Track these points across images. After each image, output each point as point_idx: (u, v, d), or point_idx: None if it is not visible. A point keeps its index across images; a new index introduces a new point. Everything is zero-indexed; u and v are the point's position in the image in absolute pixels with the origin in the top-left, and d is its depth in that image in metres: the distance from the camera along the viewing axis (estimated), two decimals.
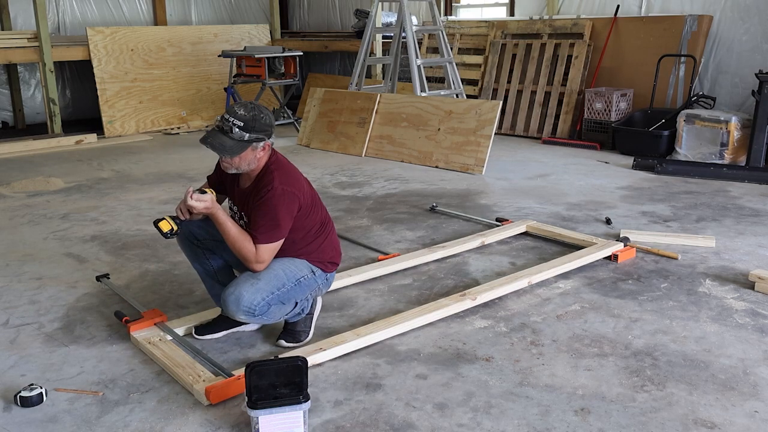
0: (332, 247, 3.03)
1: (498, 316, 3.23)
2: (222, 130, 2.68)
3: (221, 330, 3.02)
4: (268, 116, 2.75)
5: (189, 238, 2.98)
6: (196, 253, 3.02)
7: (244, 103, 2.73)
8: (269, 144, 2.77)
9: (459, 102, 6.81)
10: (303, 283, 2.89)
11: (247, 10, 11.79)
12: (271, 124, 2.75)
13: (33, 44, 8.14)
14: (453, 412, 2.45)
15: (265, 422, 2.26)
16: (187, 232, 2.96)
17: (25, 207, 5.33)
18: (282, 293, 2.81)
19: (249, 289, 2.72)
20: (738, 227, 4.55)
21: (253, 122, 2.67)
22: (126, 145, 8.01)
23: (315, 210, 2.93)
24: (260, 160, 2.78)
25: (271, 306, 2.78)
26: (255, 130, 2.68)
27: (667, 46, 7.21)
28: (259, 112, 2.71)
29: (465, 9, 10.03)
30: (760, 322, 3.14)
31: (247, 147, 2.68)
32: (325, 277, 3.01)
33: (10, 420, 2.45)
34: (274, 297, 2.78)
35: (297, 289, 2.86)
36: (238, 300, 2.70)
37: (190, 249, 3.02)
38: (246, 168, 2.77)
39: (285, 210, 2.72)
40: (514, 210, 5.02)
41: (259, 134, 2.69)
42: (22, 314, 3.35)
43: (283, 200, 2.71)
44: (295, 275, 2.85)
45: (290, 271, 2.84)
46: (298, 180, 2.85)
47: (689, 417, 2.40)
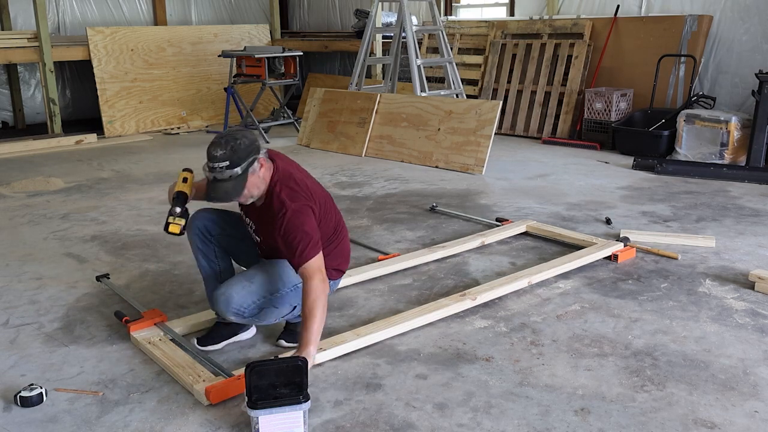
0: (341, 254, 3.02)
1: (498, 316, 3.23)
2: (216, 180, 2.62)
3: (223, 340, 2.98)
4: (244, 137, 2.64)
5: (203, 232, 2.93)
6: (207, 250, 2.96)
7: (217, 141, 2.62)
8: (264, 159, 2.69)
9: (459, 102, 6.81)
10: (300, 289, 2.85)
11: (247, 10, 11.79)
12: (252, 141, 2.65)
13: (33, 44, 8.14)
14: (453, 412, 2.45)
15: (265, 422, 2.26)
16: (201, 226, 2.92)
17: (25, 207, 5.33)
18: (275, 298, 2.80)
19: (240, 291, 2.72)
20: (738, 227, 4.55)
21: (235, 154, 2.57)
22: (126, 145, 8.01)
23: (329, 213, 2.91)
24: (265, 176, 2.72)
25: (263, 309, 2.78)
26: (242, 159, 2.58)
27: (667, 46, 7.21)
28: (234, 140, 2.60)
29: (465, 9, 10.03)
30: (760, 322, 3.14)
31: (246, 178, 2.61)
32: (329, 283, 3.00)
33: (10, 420, 2.45)
34: (266, 300, 2.78)
35: (293, 294, 2.85)
36: (228, 301, 2.71)
37: (203, 244, 2.95)
38: (259, 192, 2.72)
39: (308, 224, 2.67)
40: (514, 210, 5.02)
41: (248, 159, 2.60)
42: (22, 314, 3.35)
43: (301, 217, 2.67)
44: (292, 281, 2.83)
45: (287, 277, 2.82)
46: (306, 189, 2.78)
47: (689, 417, 2.40)
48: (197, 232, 2.94)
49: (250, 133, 2.71)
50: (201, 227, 2.94)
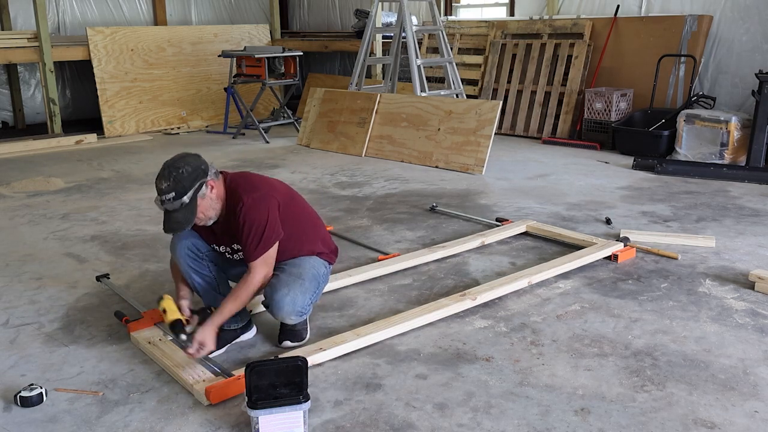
0: (328, 236, 3.11)
1: (498, 316, 3.23)
2: (168, 211, 2.63)
3: (224, 344, 2.97)
4: (186, 165, 2.61)
5: (192, 251, 2.88)
6: (200, 267, 2.91)
7: (161, 173, 2.62)
8: (212, 180, 2.68)
9: (459, 102, 6.81)
10: (322, 280, 2.98)
11: (247, 10, 11.79)
12: (195, 167, 2.63)
13: (33, 44, 8.14)
14: (453, 412, 2.45)
15: (265, 422, 2.26)
16: (190, 245, 2.87)
17: (25, 207, 5.33)
18: (318, 292, 2.93)
19: (300, 291, 2.78)
20: (738, 227, 4.55)
21: (179, 184, 2.57)
22: (126, 145, 8.01)
23: (295, 202, 2.95)
24: (220, 194, 2.73)
25: (311, 304, 2.89)
26: (187, 188, 2.58)
27: (667, 46, 7.21)
28: (177, 169, 2.59)
29: (465, 9, 10.03)
30: (760, 322, 3.14)
31: (195, 205, 2.62)
32: (330, 270, 3.09)
33: (10, 420, 2.45)
34: (315, 296, 2.90)
35: (321, 285, 2.97)
36: (294, 302, 2.76)
37: (194, 262, 2.89)
38: (215, 214, 2.74)
39: (265, 215, 2.70)
40: (514, 210, 5.02)
41: (194, 186, 2.60)
42: (22, 314, 3.36)
43: (259, 207, 2.70)
44: (319, 272, 2.93)
45: (316, 270, 2.92)
46: (263, 181, 2.84)
47: (689, 417, 2.40)
48: (186, 252, 2.87)
49: (193, 159, 2.68)
50: (190, 246, 2.88)
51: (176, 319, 2.77)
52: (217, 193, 2.73)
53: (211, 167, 2.72)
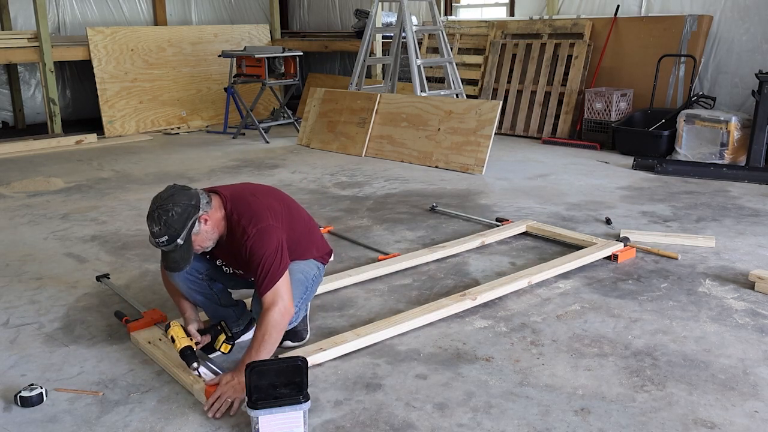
0: (323, 238, 3.11)
1: (498, 316, 3.23)
2: (163, 251, 2.60)
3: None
4: (175, 207, 2.52)
5: (192, 275, 2.84)
6: (201, 287, 2.88)
7: (150, 215, 2.54)
8: (205, 213, 2.58)
9: (459, 102, 6.81)
10: (315, 282, 2.97)
11: (247, 10, 11.79)
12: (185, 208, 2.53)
13: (33, 44, 8.14)
14: (453, 412, 2.45)
15: (265, 422, 2.26)
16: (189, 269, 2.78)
17: (25, 207, 5.33)
18: (308, 296, 2.90)
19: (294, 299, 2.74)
20: (738, 227, 4.55)
21: (170, 228, 2.50)
22: (126, 145, 8.01)
23: (295, 218, 2.90)
24: (217, 225, 2.65)
25: (300, 310, 2.84)
26: (178, 231, 2.51)
27: (667, 46, 7.21)
28: (166, 212, 2.50)
29: (465, 9, 10.03)
30: (760, 322, 3.14)
31: (190, 243, 2.57)
32: (323, 270, 3.09)
33: (10, 420, 2.45)
34: (303, 301, 2.85)
35: (313, 288, 2.96)
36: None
37: (193, 284, 2.86)
38: (212, 243, 2.66)
39: (272, 245, 2.62)
40: (514, 210, 5.02)
41: (185, 226, 2.52)
42: (22, 314, 3.36)
43: (264, 238, 2.62)
44: (309, 275, 2.92)
45: (307, 273, 2.90)
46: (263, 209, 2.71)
47: (689, 417, 2.40)
48: (186, 277, 2.82)
49: (182, 197, 2.56)
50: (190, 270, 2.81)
51: (186, 346, 2.68)
52: (213, 223, 2.64)
53: (202, 198, 2.61)
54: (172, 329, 2.74)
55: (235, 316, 3.01)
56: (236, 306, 3.04)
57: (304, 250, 2.93)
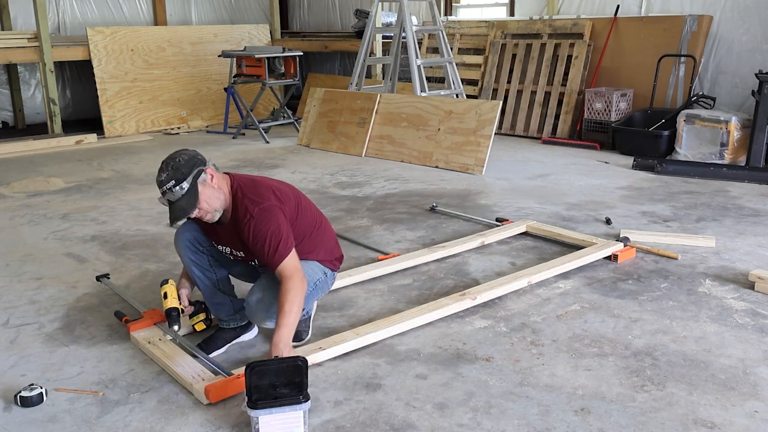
0: (335, 242, 3.06)
1: (498, 316, 3.23)
2: (171, 202, 2.65)
3: (224, 344, 2.97)
4: (183, 155, 2.67)
5: (193, 243, 2.90)
6: (201, 260, 2.92)
7: (160, 168, 2.66)
8: (212, 169, 2.69)
9: (459, 102, 6.81)
10: (318, 286, 2.93)
11: (247, 10, 11.79)
12: (192, 156, 2.67)
13: (33, 44, 8.15)
14: (453, 412, 2.45)
15: (265, 422, 2.26)
16: (191, 237, 2.89)
17: (25, 207, 5.33)
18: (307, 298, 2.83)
19: (275, 295, 2.70)
20: (738, 227, 4.55)
21: (177, 172, 2.61)
22: (126, 145, 8.01)
23: (303, 209, 2.91)
24: (223, 189, 2.71)
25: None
26: (185, 174, 2.61)
27: (667, 46, 7.21)
28: (173, 159, 2.65)
29: (465, 9, 10.03)
30: (760, 322, 3.14)
31: (196, 190, 2.62)
32: (333, 276, 3.05)
33: (10, 420, 2.45)
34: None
35: (314, 292, 2.91)
36: (268, 307, 2.72)
37: (194, 255, 2.91)
38: (220, 205, 2.71)
39: (275, 224, 2.66)
40: (514, 210, 5.02)
41: (192, 172, 2.62)
42: (22, 314, 3.36)
43: (267, 218, 2.66)
44: (312, 279, 2.86)
45: (309, 277, 2.83)
46: (269, 189, 2.78)
47: (689, 417, 2.40)
48: (187, 244, 2.89)
49: (190, 150, 2.72)
50: (190, 239, 2.90)
51: (173, 306, 2.80)
52: (219, 184, 2.70)
53: (209, 160, 2.73)
54: (168, 286, 2.83)
55: (231, 308, 2.99)
56: (234, 299, 3.02)
57: (308, 248, 2.89)
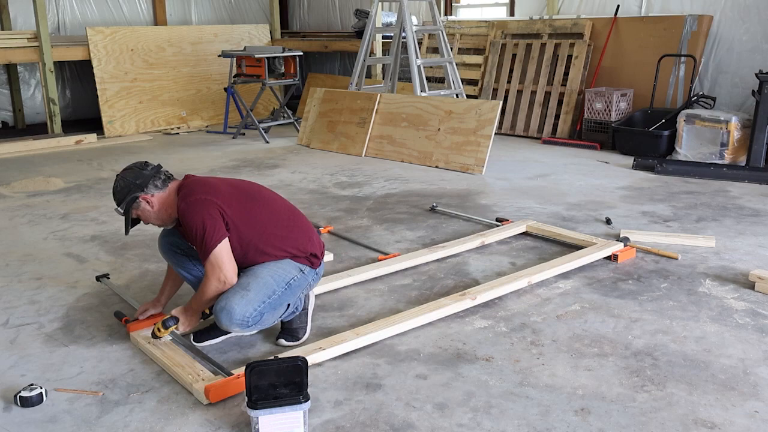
0: (309, 239, 2.98)
1: (498, 316, 3.23)
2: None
3: (220, 335, 3.00)
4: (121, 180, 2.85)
5: (171, 247, 3.05)
6: (181, 261, 3.06)
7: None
8: (147, 195, 2.83)
9: (459, 102, 6.81)
10: (294, 285, 2.86)
11: (247, 10, 11.79)
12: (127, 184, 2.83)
13: (33, 44, 8.15)
14: (453, 412, 2.45)
15: (265, 422, 2.26)
16: (170, 241, 3.04)
17: (25, 207, 5.33)
18: (273, 300, 2.78)
19: (240, 302, 2.68)
20: (738, 227, 4.55)
21: (115, 196, 2.86)
22: (126, 145, 8.01)
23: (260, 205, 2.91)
24: (165, 206, 2.86)
25: (264, 314, 2.76)
26: (120, 200, 2.85)
27: (667, 46, 7.21)
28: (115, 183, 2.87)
29: (465, 9, 10.03)
30: (760, 322, 3.14)
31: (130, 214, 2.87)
32: (314, 273, 2.99)
33: (10, 420, 2.45)
34: (266, 305, 2.76)
35: (288, 292, 2.84)
36: (230, 314, 2.67)
37: (173, 257, 3.07)
38: (160, 221, 2.91)
39: (200, 216, 2.73)
40: (514, 210, 5.02)
41: (125, 199, 2.82)
42: (22, 314, 3.36)
43: (192, 211, 2.75)
44: (284, 279, 2.82)
45: (279, 276, 2.81)
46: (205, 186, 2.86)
47: (689, 417, 2.40)
48: (166, 248, 3.06)
49: (131, 174, 2.87)
50: (169, 242, 3.06)
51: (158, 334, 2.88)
52: (159, 204, 2.86)
53: (155, 179, 2.86)
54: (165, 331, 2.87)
55: None
56: None
57: (270, 245, 2.85)
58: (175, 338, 2.94)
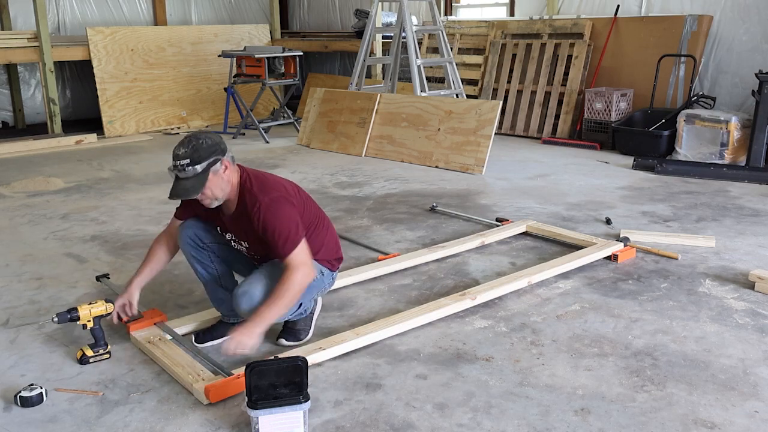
0: (335, 243, 3.05)
1: (498, 316, 3.23)
2: (178, 178, 2.67)
3: (222, 336, 3.00)
4: (207, 138, 2.69)
5: (194, 240, 2.93)
6: (202, 256, 2.95)
7: (181, 141, 2.69)
8: (228, 161, 2.71)
9: (459, 102, 6.81)
10: (312, 285, 2.87)
11: (247, 10, 11.79)
12: (215, 143, 2.68)
13: (33, 44, 8.14)
14: (453, 412, 2.45)
15: (265, 422, 2.26)
16: (192, 234, 2.92)
17: (25, 207, 5.33)
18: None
19: (262, 290, 2.71)
20: (738, 227, 4.55)
21: (196, 153, 2.63)
22: (126, 145, 8.01)
23: (307, 205, 2.92)
24: (231, 181, 2.74)
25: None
26: (203, 158, 2.63)
27: (667, 46, 7.21)
28: (197, 139, 2.67)
29: (465, 9, 10.03)
30: (760, 322, 3.14)
31: (206, 177, 2.65)
32: (332, 276, 3.03)
33: (10, 420, 2.45)
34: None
35: (308, 290, 2.85)
36: (251, 299, 2.70)
37: (196, 251, 2.95)
38: (222, 195, 2.74)
39: (285, 213, 2.70)
40: (514, 210, 5.02)
41: (209, 158, 2.64)
42: (22, 314, 3.35)
43: (276, 208, 2.70)
44: None
45: None
46: (277, 183, 2.83)
47: (689, 417, 2.40)
48: (188, 241, 2.93)
49: (215, 136, 2.74)
50: (191, 235, 2.93)
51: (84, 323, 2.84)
52: (229, 176, 2.72)
53: (230, 152, 2.75)
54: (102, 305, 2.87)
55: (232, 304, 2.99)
56: None
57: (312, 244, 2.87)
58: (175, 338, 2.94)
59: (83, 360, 2.82)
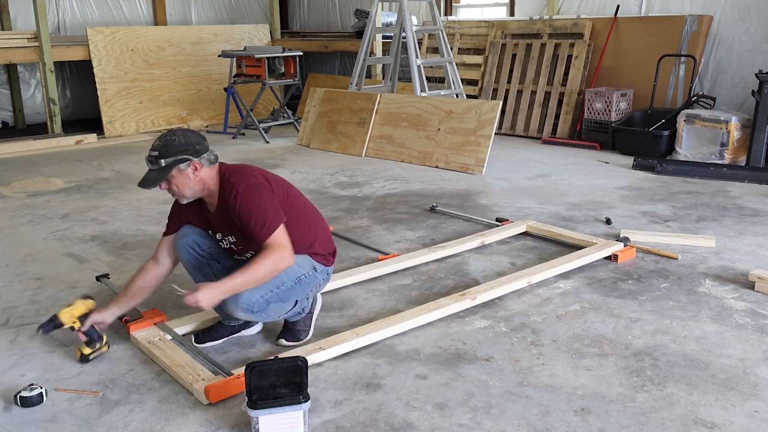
0: (328, 236, 3.04)
1: (498, 316, 3.23)
2: (149, 168, 2.73)
3: (221, 337, 3.00)
4: (183, 137, 2.71)
5: (193, 248, 2.92)
6: (200, 264, 2.95)
7: (163, 134, 2.74)
8: (199, 163, 2.70)
9: (459, 102, 6.81)
10: (304, 281, 2.88)
11: (247, 10, 11.79)
12: (189, 143, 2.69)
13: (33, 44, 8.14)
14: (453, 412, 2.45)
15: (265, 422, 2.26)
16: (191, 242, 2.90)
17: (25, 207, 5.33)
18: (282, 291, 2.80)
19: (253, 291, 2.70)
20: (738, 227, 4.55)
21: (165, 148, 2.67)
22: (126, 145, 8.01)
23: (291, 196, 2.92)
24: (205, 181, 2.74)
25: (270, 303, 2.78)
26: (170, 154, 2.66)
27: (667, 46, 7.21)
28: (173, 135, 2.70)
29: (465, 9, 10.03)
30: (760, 322, 3.14)
31: (168, 171, 2.68)
32: (326, 272, 3.01)
33: (10, 420, 2.45)
34: (274, 295, 2.77)
35: (297, 287, 2.86)
36: (236, 297, 2.68)
37: (194, 260, 2.94)
38: (191, 194, 2.76)
39: (262, 198, 2.70)
40: (514, 210, 5.02)
41: (176, 156, 2.66)
42: (22, 314, 3.35)
43: (253, 193, 2.70)
44: (295, 273, 2.83)
45: (291, 269, 2.80)
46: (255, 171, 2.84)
47: (689, 417, 2.40)
48: (187, 249, 2.91)
49: (195, 137, 2.75)
50: (190, 243, 2.91)
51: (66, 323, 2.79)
52: (202, 178, 2.73)
53: (209, 153, 2.75)
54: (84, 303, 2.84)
55: None
56: None
57: (297, 239, 2.83)
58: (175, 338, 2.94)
59: (84, 359, 2.82)
